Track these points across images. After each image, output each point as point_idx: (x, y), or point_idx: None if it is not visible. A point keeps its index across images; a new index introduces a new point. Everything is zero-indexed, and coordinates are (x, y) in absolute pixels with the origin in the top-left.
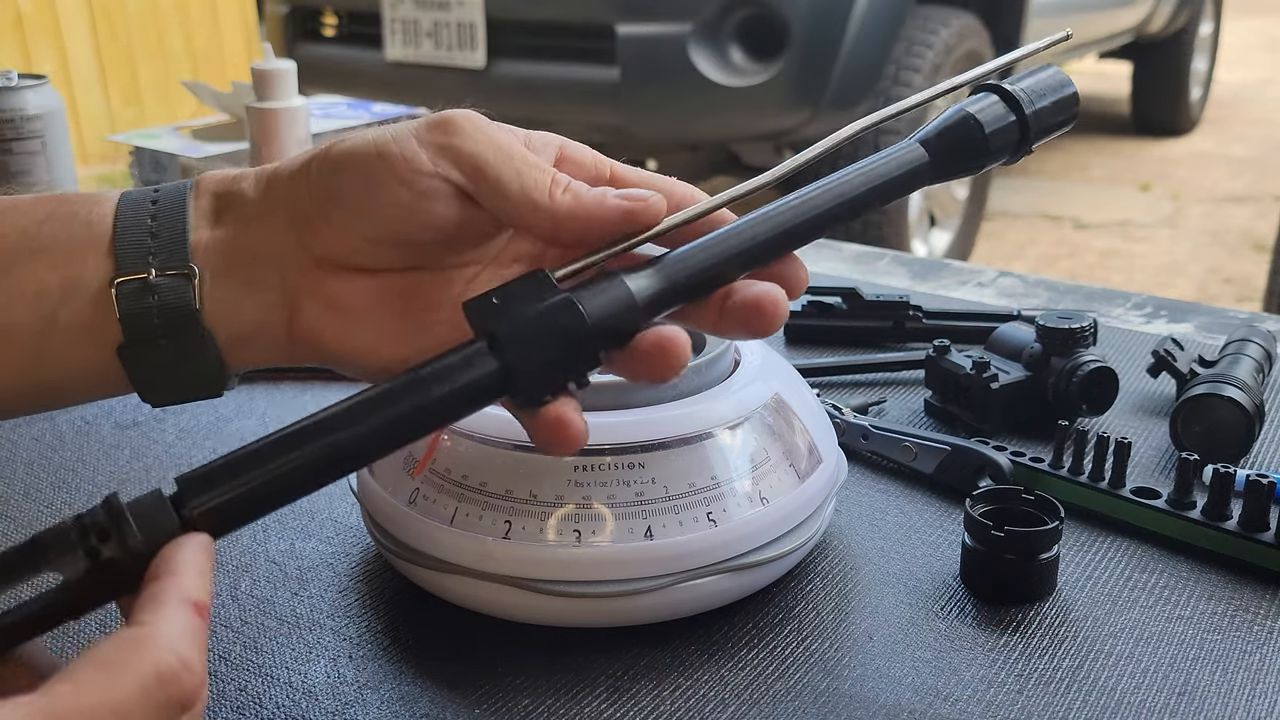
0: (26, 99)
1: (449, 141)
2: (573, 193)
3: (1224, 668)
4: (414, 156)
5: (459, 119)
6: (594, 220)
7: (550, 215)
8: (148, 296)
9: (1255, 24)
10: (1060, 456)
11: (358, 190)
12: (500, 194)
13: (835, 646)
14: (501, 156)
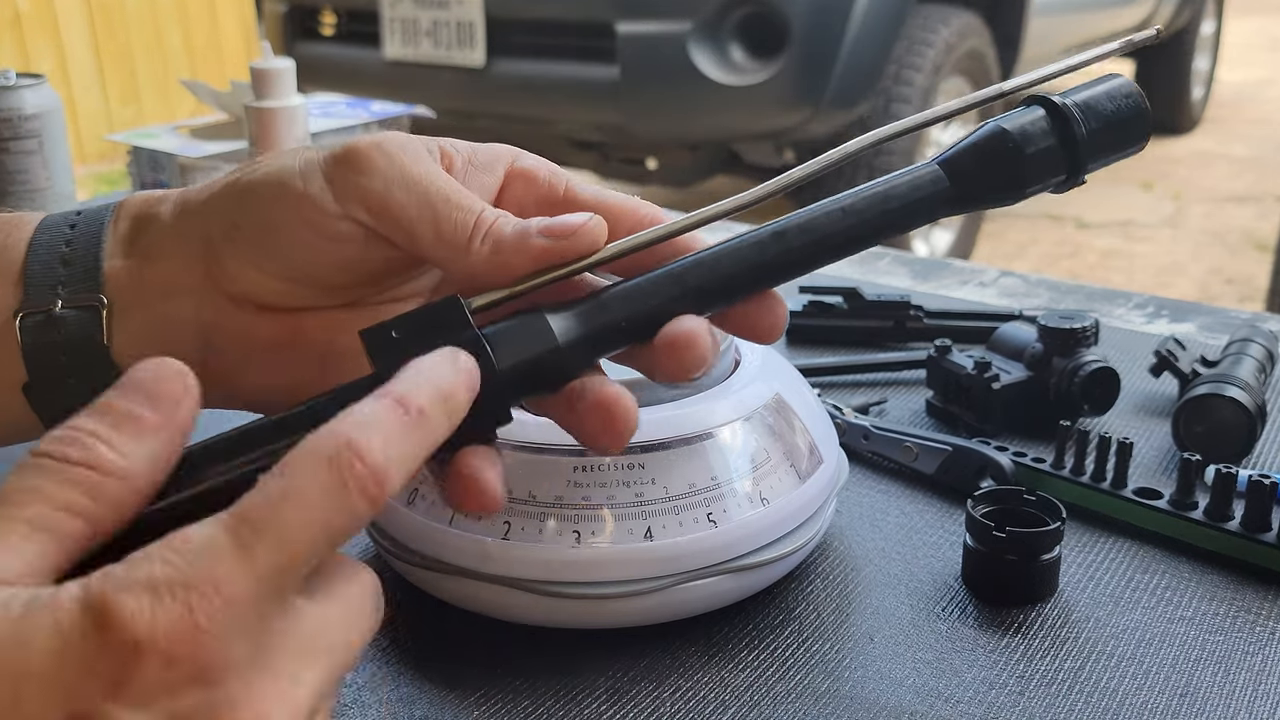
0: (24, 98)
1: (357, 181)
2: (492, 240)
3: (1226, 669)
4: (319, 195)
5: (370, 152)
6: (514, 267)
7: (467, 265)
8: (53, 331)
9: (1257, 23)
10: (1062, 457)
11: (260, 226)
12: (413, 241)
13: (836, 648)
14: (414, 199)
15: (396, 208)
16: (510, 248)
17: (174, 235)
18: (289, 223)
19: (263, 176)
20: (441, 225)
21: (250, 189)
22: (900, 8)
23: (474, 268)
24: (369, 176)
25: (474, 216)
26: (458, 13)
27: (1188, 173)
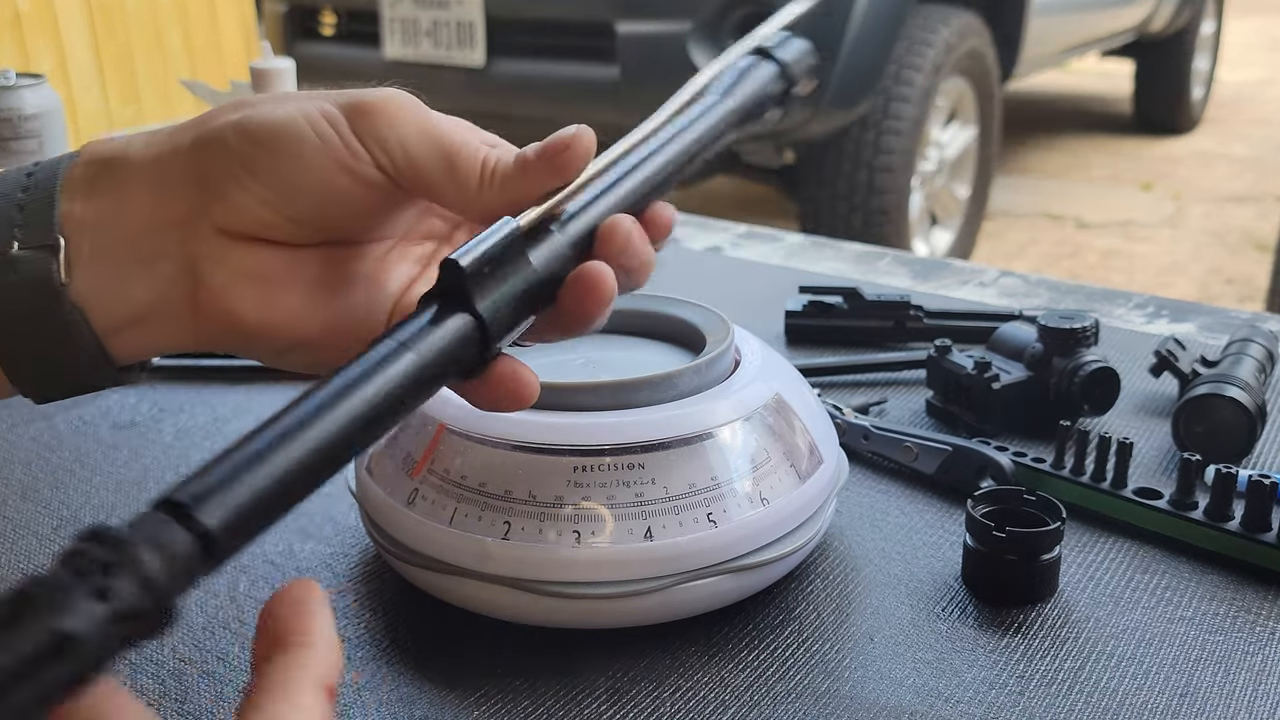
0: (24, 98)
1: (378, 130)
2: (499, 178)
3: (1226, 669)
4: (351, 142)
5: (385, 104)
6: (524, 193)
7: (482, 206)
8: (8, 272)
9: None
10: (1062, 457)
11: (287, 169)
12: (428, 186)
13: (836, 648)
14: (431, 147)
15: (416, 156)
16: (514, 180)
17: (153, 172)
18: (323, 167)
19: (286, 119)
20: (457, 172)
21: (273, 130)
22: (900, 8)
23: (486, 208)
24: (389, 126)
25: (479, 160)
26: (458, 13)
27: (1188, 173)
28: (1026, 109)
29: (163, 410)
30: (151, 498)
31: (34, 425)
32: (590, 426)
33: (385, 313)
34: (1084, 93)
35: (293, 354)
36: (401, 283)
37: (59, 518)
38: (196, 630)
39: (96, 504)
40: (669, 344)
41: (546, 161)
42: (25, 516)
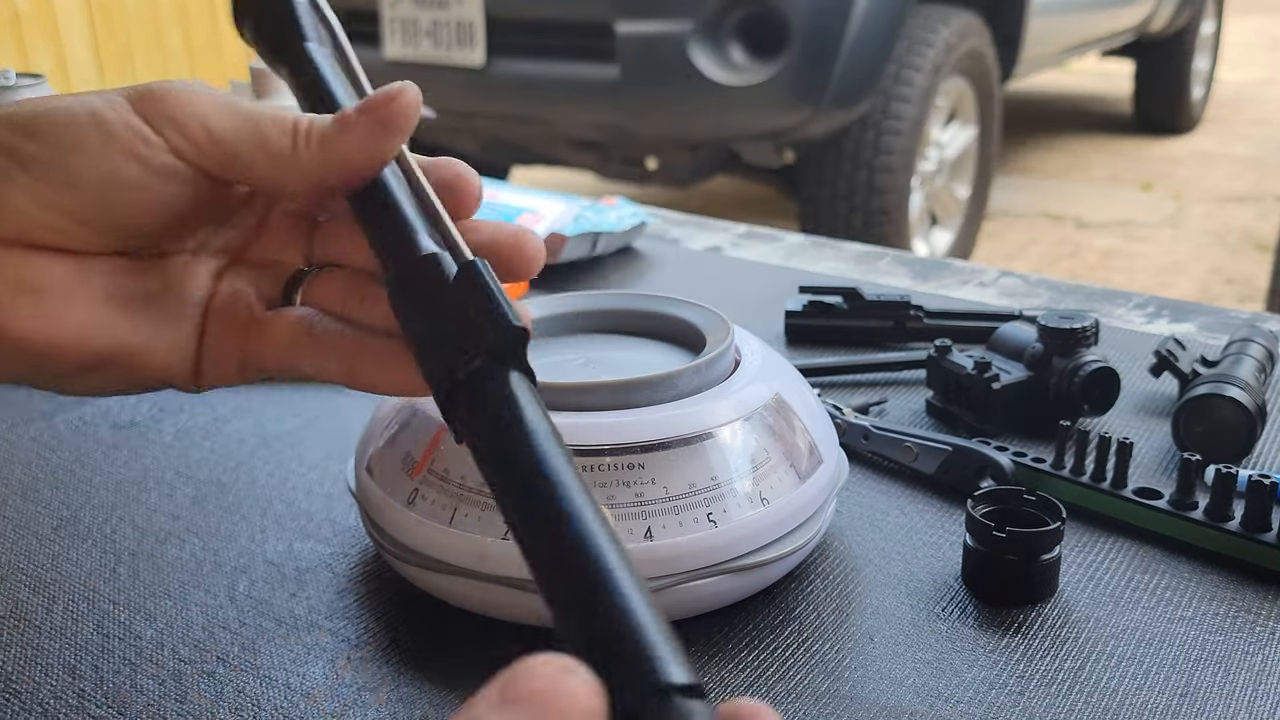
0: (23, 98)
1: (167, 111)
2: (316, 136)
3: (1226, 669)
4: (138, 126)
5: (168, 87)
6: (347, 152)
7: (301, 171)
8: None
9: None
10: (1062, 457)
11: (66, 161)
12: (239, 160)
13: (836, 648)
14: (231, 117)
15: (218, 130)
16: (334, 139)
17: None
18: (110, 157)
19: (62, 108)
20: (267, 140)
21: (50, 119)
22: (900, 8)
23: (306, 173)
24: (182, 107)
25: (290, 123)
26: (457, 13)
27: (1188, 173)
28: (1027, 109)
29: (163, 410)
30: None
31: (34, 425)
32: (590, 426)
33: (188, 330)
34: (1084, 93)
35: (84, 377)
36: (202, 298)
37: (59, 518)
38: (196, 631)
39: (96, 504)
40: (669, 344)
41: (371, 114)
42: (25, 516)
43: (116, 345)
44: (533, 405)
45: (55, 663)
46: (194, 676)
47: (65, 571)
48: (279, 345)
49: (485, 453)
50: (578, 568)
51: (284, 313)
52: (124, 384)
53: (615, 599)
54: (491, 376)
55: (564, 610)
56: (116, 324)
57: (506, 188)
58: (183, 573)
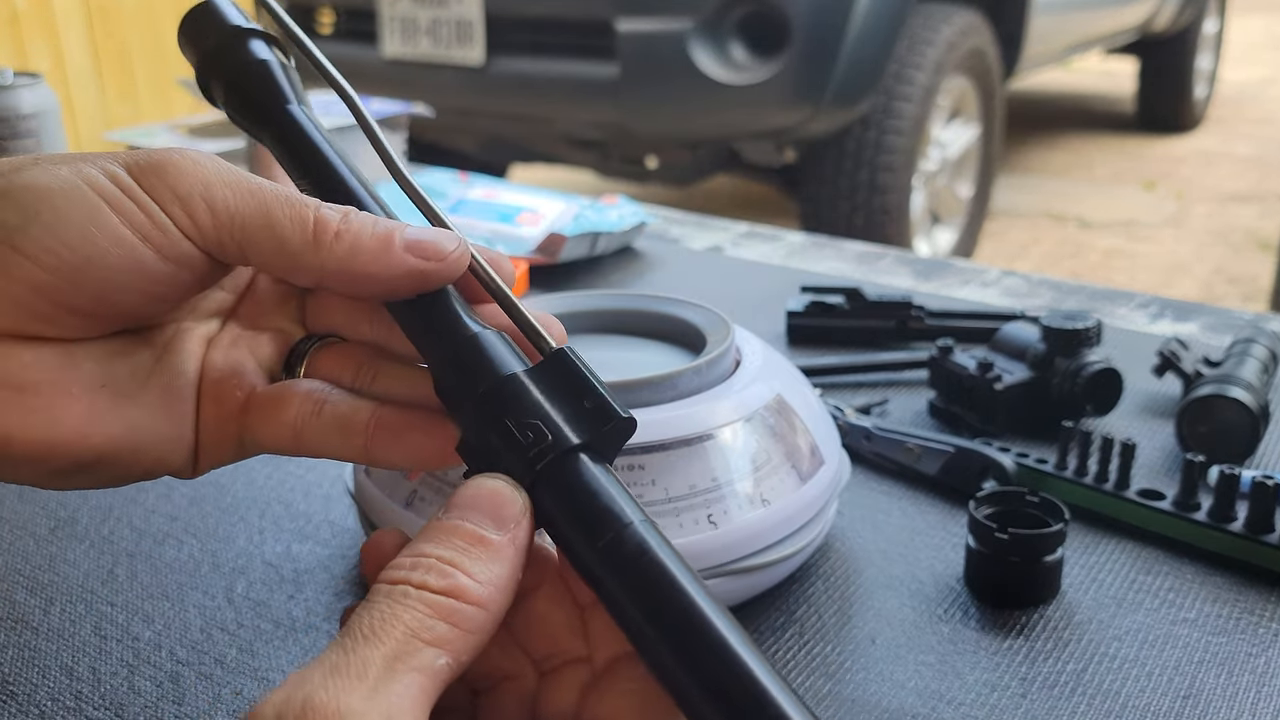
0: (21, 97)
1: (175, 188)
2: (350, 244)
3: (1229, 671)
4: (151, 209)
5: (174, 159)
6: (372, 280)
7: (313, 270)
8: None
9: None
10: (1065, 458)
11: (73, 247)
12: (250, 244)
13: (837, 650)
14: (242, 196)
15: (227, 211)
16: (369, 259)
17: None
18: (115, 235)
19: (54, 180)
20: (277, 224)
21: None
22: (901, 6)
23: (321, 272)
24: (190, 184)
25: (310, 211)
26: (456, 11)
27: (1190, 172)
28: (1029, 108)
29: None
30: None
31: None
32: None
33: (186, 412)
34: (1086, 91)
35: (78, 476)
36: (195, 371)
37: (56, 519)
38: (194, 632)
39: (94, 505)
40: (669, 344)
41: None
42: (22, 518)
43: (114, 439)
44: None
45: (53, 664)
46: (191, 678)
47: (63, 573)
48: (283, 425)
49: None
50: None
51: (288, 387)
52: (118, 478)
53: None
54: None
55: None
56: (112, 415)
57: (506, 186)
58: (180, 574)
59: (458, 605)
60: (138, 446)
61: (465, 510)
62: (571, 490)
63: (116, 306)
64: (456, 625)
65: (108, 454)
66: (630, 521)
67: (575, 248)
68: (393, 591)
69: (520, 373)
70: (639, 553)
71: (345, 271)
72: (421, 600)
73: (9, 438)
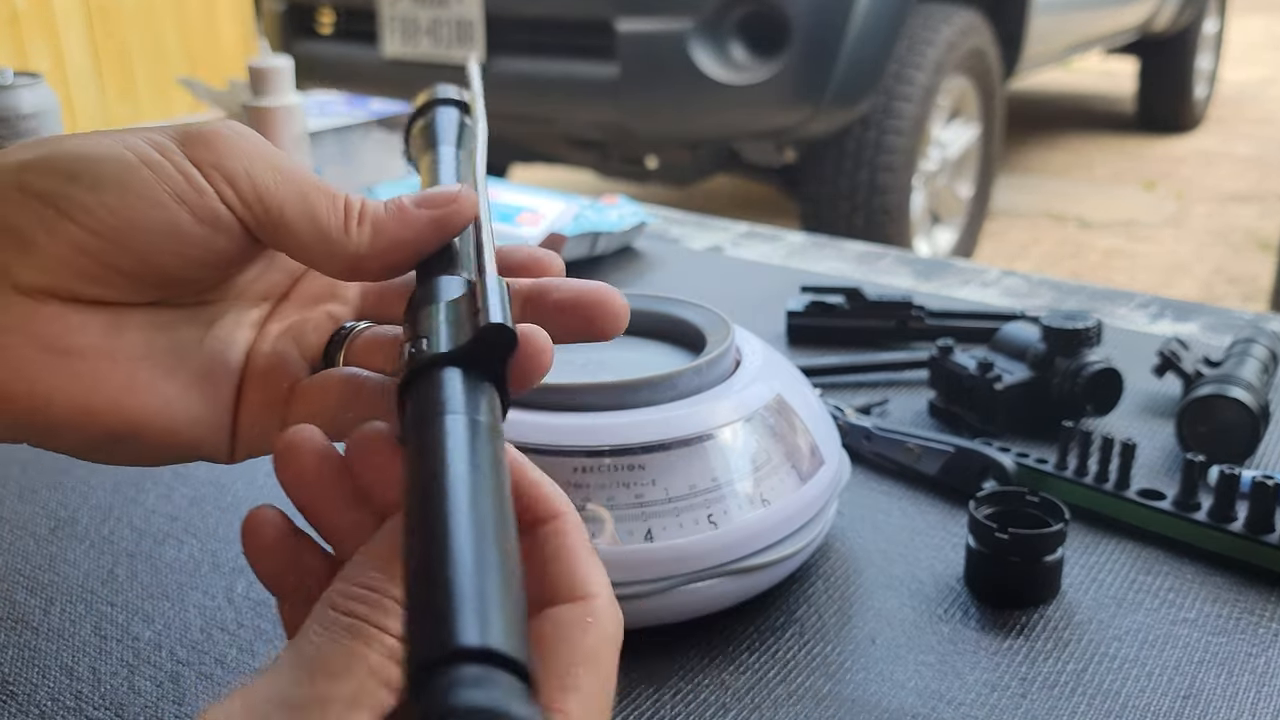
0: (21, 97)
1: (218, 161)
2: (371, 221)
3: (1229, 671)
4: (192, 176)
5: (222, 132)
6: (399, 245)
7: (350, 253)
8: None
9: (1260, 22)
10: (1065, 458)
11: (114, 207)
12: (285, 229)
13: (838, 650)
14: (283, 182)
15: (269, 194)
16: (391, 227)
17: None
18: (160, 203)
19: (105, 149)
20: (317, 213)
21: (87, 165)
22: (901, 6)
23: (354, 257)
24: (232, 157)
25: (341, 201)
26: (457, 11)
27: (1190, 172)
28: (1029, 108)
29: None
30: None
31: None
32: (590, 427)
33: (226, 395)
34: (1087, 91)
35: (115, 448)
36: (241, 352)
37: (56, 519)
38: (194, 632)
39: (94, 505)
40: (669, 344)
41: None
42: (22, 518)
43: (150, 412)
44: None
45: (53, 664)
46: (192, 678)
47: (63, 573)
48: (326, 410)
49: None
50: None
51: (329, 375)
52: (154, 456)
53: (443, 551)
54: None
55: (406, 560)
56: (150, 388)
57: (506, 187)
58: (180, 574)
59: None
60: (172, 423)
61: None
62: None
63: (158, 269)
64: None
65: (142, 427)
66: (443, 413)
67: (575, 248)
68: (354, 627)
69: (445, 301)
70: (433, 440)
71: (375, 251)
72: (382, 644)
73: (50, 400)
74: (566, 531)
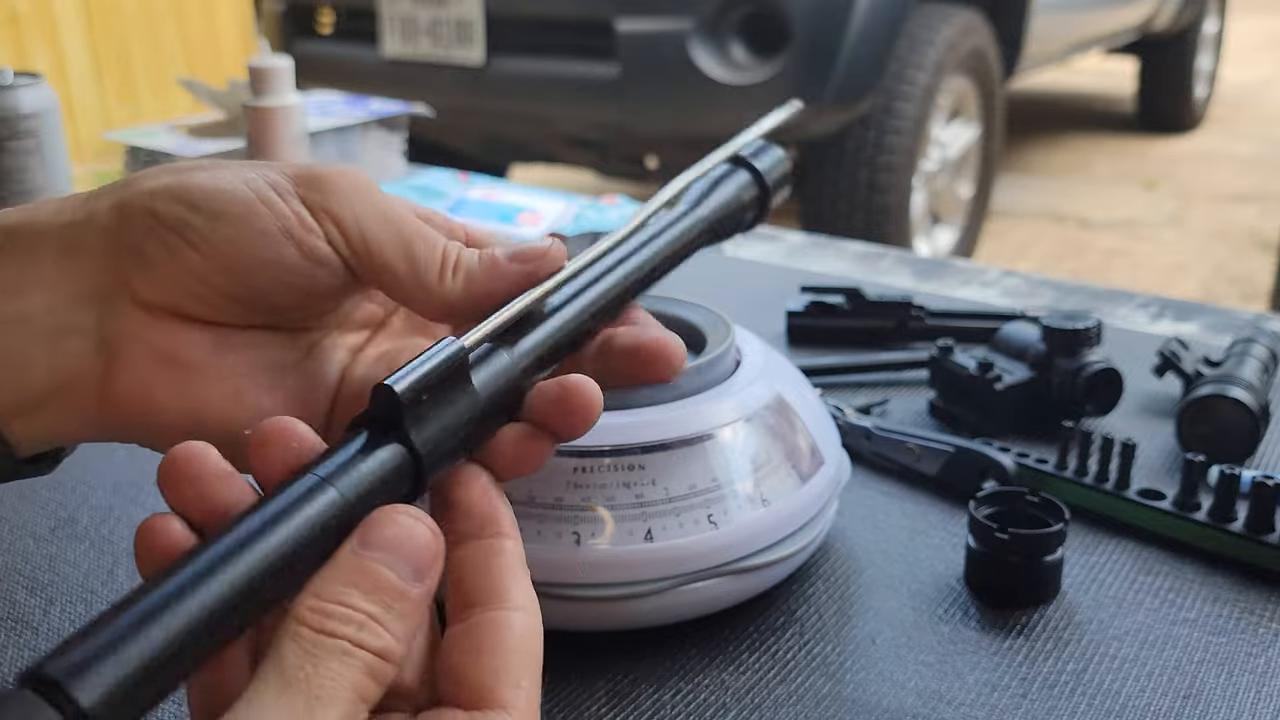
0: (21, 97)
1: (327, 203)
2: (464, 273)
3: (1229, 671)
4: (303, 215)
5: (335, 176)
6: (490, 296)
7: (442, 300)
8: None
9: (1260, 22)
10: (1065, 458)
11: (229, 237)
12: (386, 272)
13: (838, 650)
14: (389, 230)
15: (372, 238)
16: (482, 279)
17: (65, 240)
18: (271, 237)
19: (226, 188)
20: (415, 259)
21: (210, 198)
22: (902, 6)
23: (448, 305)
24: (342, 201)
25: (439, 250)
26: (456, 10)
27: (1191, 172)
28: (1029, 107)
29: None
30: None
31: None
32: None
33: (322, 408)
34: (1087, 91)
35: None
36: (336, 375)
37: (56, 519)
38: None
39: (94, 505)
40: None
41: (520, 264)
42: (22, 518)
43: (250, 422)
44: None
45: None
46: None
47: (62, 573)
48: None
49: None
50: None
51: None
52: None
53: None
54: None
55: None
56: (252, 402)
57: (506, 186)
58: None
59: (384, 666)
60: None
61: (389, 554)
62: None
63: (266, 297)
64: (380, 684)
65: (242, 436)
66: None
67: (575, 248)
68: (335, 647)
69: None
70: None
71: (465, 299)
72: (363, 661)
73: (163, 407)
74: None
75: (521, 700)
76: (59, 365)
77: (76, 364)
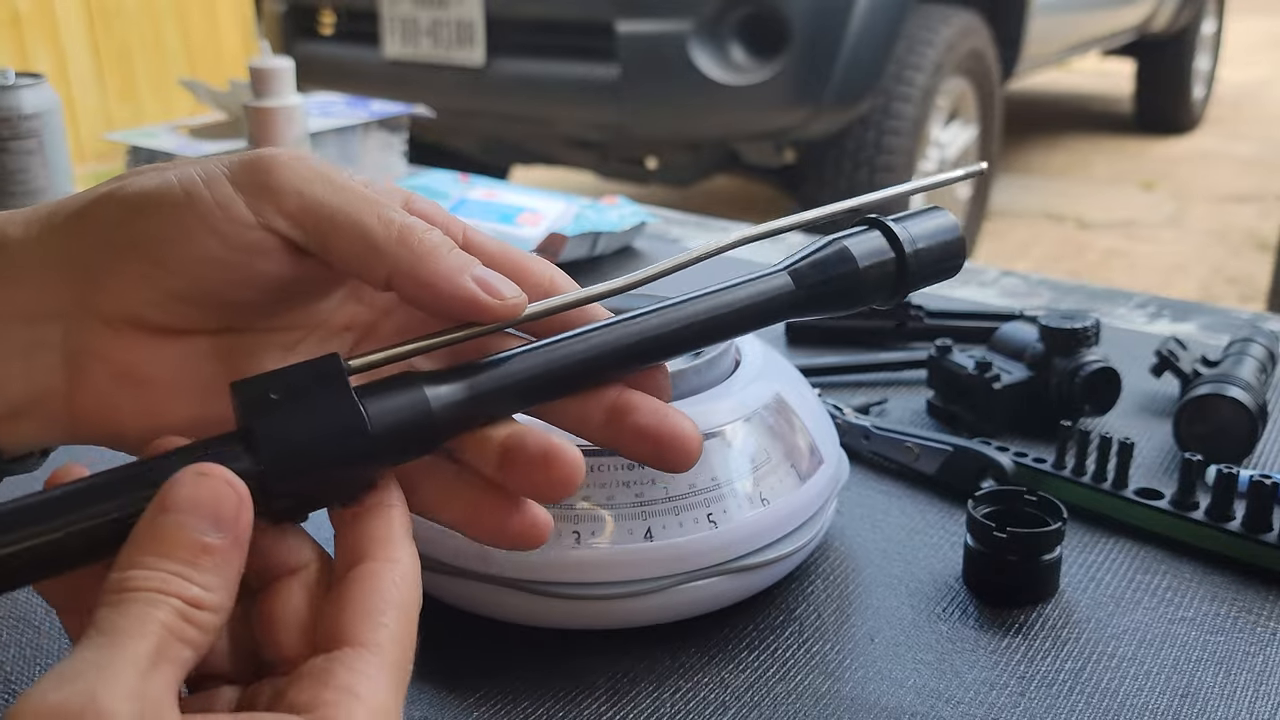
0: (23, 98)
1: (268, 182)
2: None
3: (1227, 670)
4: (229, 203)
5: (279, 156)
6: (438, 293)
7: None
8: None
9: (1259, 23)
10: (1063, 457)
11: (162, 239)
12: (337, 236)
13: (836, 648)
14: (336, 192)
15: (318, 205)
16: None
17: (33, 255)
18: (197, 234)
19: (161, 183)
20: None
21: (147, 196)
22: (901, 7)
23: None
24: (281, 177)
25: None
26: (457, 12)
27: (1189, 172)
28: (1028, 108)
29: None
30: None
31: None
32: None
33: None
34: (1085, 92)
35: None
36: None
37: None
38: None
39: None
40: None
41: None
42: None
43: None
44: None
45: (55, 663)
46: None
47: None
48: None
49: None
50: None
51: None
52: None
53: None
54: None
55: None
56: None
57: (506, 187)
58: None
59: (199, 613)
60: None
61: (184, 514)
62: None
63: (213, 294)
64: (198, 627)
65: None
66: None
67: (575, 248)
68: (138, 596)
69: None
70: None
71: (413, 273)
72: (171, 606)
73: (123, 427)
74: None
75: (383, 637)
76: (33, 379)
77: (47, 379)
